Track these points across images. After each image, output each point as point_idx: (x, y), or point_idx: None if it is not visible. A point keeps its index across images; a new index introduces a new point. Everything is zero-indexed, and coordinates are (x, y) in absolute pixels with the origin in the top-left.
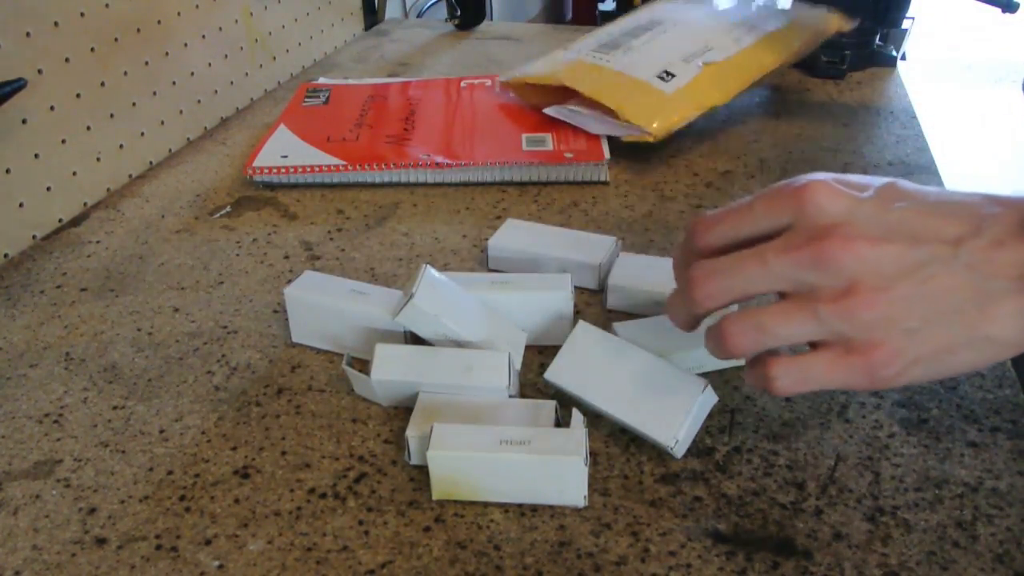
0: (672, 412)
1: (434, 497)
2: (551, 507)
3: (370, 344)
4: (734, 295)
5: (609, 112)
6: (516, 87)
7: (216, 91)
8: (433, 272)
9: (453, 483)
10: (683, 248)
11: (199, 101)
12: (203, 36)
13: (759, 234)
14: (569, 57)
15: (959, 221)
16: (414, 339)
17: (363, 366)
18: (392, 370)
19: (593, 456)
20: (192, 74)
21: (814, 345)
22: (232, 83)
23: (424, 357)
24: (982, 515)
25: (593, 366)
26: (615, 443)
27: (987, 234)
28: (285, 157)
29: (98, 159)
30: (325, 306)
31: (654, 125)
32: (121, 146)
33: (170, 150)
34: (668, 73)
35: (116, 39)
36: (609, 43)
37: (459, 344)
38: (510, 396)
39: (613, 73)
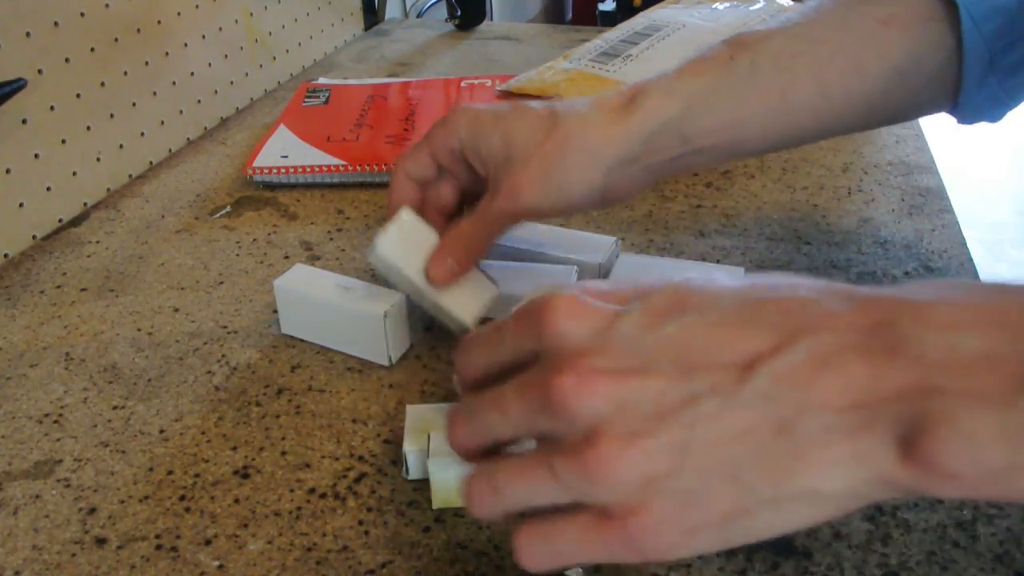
0: None
1: (435, 506)
2: None
3: (354, 338)
4: (481, 443)
5: None
6: (514, 98)
7: (216, 91)
8: (408, 217)
9: (455, 490)
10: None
11: (199, 101)
12: (203, 36)
13: (514, 363)
14: (567, 67)
15: (762, 332)
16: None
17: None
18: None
19: None
20: (192, 74)
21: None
22: (232, 83)
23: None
24: (982, 515)
25: None
26: None
27: (804, 348)
28: (285, 157)
29: (98, 159)
30: (312, 299)
31: None
32: (121, 146)
33: (170, 150)
34: None
35: (116, 39)
36: (608, 52)
37: (420, 293)
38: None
39: (612, 83)
